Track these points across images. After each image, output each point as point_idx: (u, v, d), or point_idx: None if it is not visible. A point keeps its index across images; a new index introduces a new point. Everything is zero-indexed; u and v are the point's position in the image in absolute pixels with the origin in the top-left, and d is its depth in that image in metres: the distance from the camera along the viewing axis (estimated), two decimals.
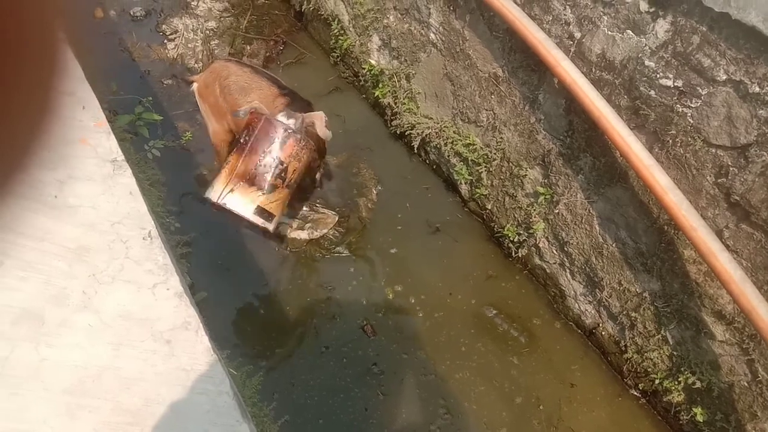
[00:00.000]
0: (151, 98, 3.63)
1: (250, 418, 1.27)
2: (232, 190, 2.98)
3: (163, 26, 4.73)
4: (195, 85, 3.38)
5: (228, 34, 4.72)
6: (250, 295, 3.18)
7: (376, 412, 2.75)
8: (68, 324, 1.15)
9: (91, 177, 1.40)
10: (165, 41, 4.68)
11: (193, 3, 4.86)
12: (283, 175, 3.04)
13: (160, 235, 1.30)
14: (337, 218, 3.50)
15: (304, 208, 3.52)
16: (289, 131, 3.04)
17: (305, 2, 4.62)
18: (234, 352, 2.60)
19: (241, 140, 3.03)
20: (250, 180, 2.98)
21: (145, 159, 3.31)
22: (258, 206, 2.99)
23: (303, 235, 3.39)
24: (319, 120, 3.13)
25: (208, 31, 4.71)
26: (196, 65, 4.55)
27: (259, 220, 2.99)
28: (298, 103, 3.27)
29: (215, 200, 2.95)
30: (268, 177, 3.00)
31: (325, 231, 3.42)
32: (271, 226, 3.03)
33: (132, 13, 4.79)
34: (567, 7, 2.64)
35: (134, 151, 3.24)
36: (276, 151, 3.01)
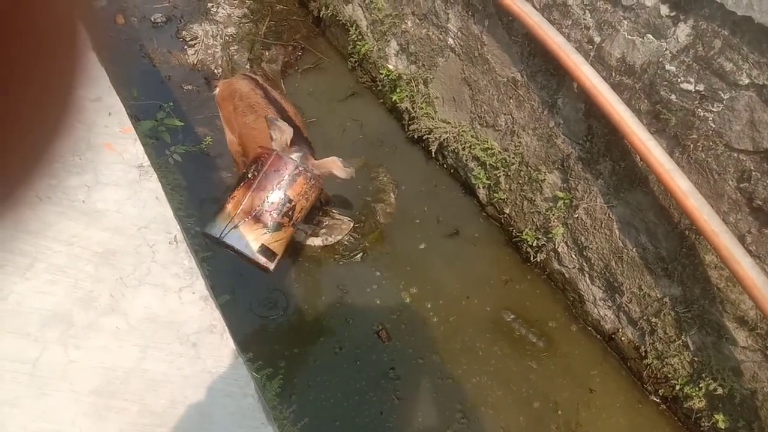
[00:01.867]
0: (171, 103, 3.68)
1: (273, 421, 1.28)
2: (236, 226, 2.87)
3: (183, 32, 4.79)
4: (217, 90, 3.43)
5: (247, 39, 4.76)
6: (267, 298, 3.20)
7: (392, 416, 2.76)
8: (96, 327, 1.17)
9: (118, 182, 1.43)
10: (185, 47, 4.74)
11: (212, 9, 4.91)
12: (290, 213, 2.94)
13: (185, 240, 1.32)
14: (352, 224, 3.51)
15: (319, 214, 3.54)
16: (300, 169, 2.96)
17: (323, 8, 4.65)
18: (254, 355, 2.62)
19: (249, 174, 2.95)
20: (256, 217, 2.89)
21: (167, 164, 3.35)
22: (262, 245, 2.89)
23: (317, 241, 3.41)
24: (334, 166, 3.04)
25: (227, 37, 4.76)
26: (216, 71, 4.60)
27: (261, 259, 2.89)
28: (300, 141, 3.20)
29: (216, 236, 2.84)
30: (275, 215, 2.91)
31: (339, 237, 3.43)
32: (272, 266, 2.93)
33: (153, 20, 4.85)
34: (586, 11, 2.63)
35: (156, 155, 3.28)
36: (285, 189, 2.92)
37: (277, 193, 2.91)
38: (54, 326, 1.15)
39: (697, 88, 2.30)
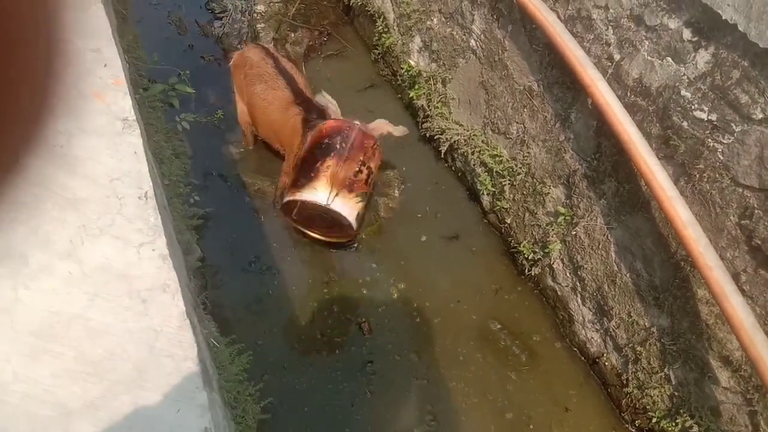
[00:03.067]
0: (188, 72, 3.68)
1: (214, 389, 1.27)
2: (336, 194, 3.10)
3: (213, 4, 4.81)
4: (232, 60, 3.46)
5: (275, 19, 4.76)
6: (255, 274, 3.19)
7: (362, 409, 2.73)
8: (49, 269, 1.16)
9: (100, 132, 1.42)
10: (213, 19, 4.75)
11: None
12: (370, 181, 3.27)
13: (155, 197, 1.30)
14: None
15: None
16: (375, 140, 3.29)
17: None
18: (230, 328, 2.61)
19: (337, 145, 3.15)
20: (350, 187, 3.14)
21: (175, 130, 3.35)
22: (358, 213, 3.18)
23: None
24: (388, 128, 3.37)
25: (255, 14, 4.76)
26: (239, 46, 4.60)
27: (356, 225, 3.19)
28: (314, 113, 3.31)
29: (324, 203, 3.06)
30: (364, 185, 3.21)
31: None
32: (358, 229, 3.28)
33: None
34: (610, 27, 2.59)
35: (165, 120, 3.29)
36: (369, 161, 3.24)
37: (365, 165, 3.22)
38: (8, 263, 1.14)
39: (710, 117, 2.24)
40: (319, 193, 3.06)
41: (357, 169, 3.15)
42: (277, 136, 3.46)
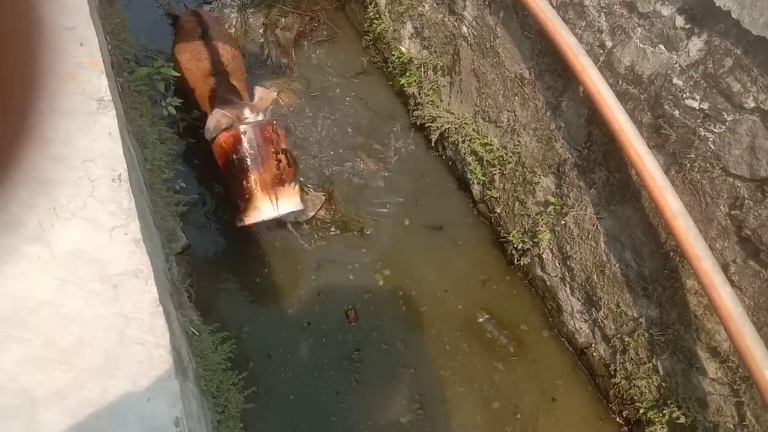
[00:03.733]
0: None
1: (189, 378, 1.23)
2: (277, 198, 3.07)
3: None
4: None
5: (265, 4, 4.68)
6: (242, 261, 3.15)
7: (348, 397, 2.71)
8: (17, 253, 1.12)
9: (73, 113, 1.37)
10: (202, 3, 4.67)
11: None
12: (291, 160, 3.17)
13: (129, 180, 1.26)
14: (324, 198, 3.45)
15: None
16: (273, 124, 3.15)
17: None
18: (215, 316, 2.58)
19: (247, 155, 3.04)
20: (281, 181, 3.09)
21: (161, 115, 3.30)
22: (300, 196, 3.16)
23: (290, 217, 3.35)
24: (270, 94, 3.24)
25: None
26: (230, 30, 4.53)
27: (306, 206, 3.23)
28: (225, 86, 3.33)
29: (273, 215, 3.03)
30: (288, 168, 3.13)
31: (312, 213, 3.37)
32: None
33: None
34: (602, 14, 2.55)
35: (150, 105, 3.23)
36: (279, 145, 3.13)
37: (278, 154, 3.11)
38: None
39: (701, 105, 2.21)
40: (263, 209, 3.02)
41: (275, 161, 3.08)
42: (198, 104, 3.43)
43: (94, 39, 1.57)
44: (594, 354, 3.03)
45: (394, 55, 4.06)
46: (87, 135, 1.32)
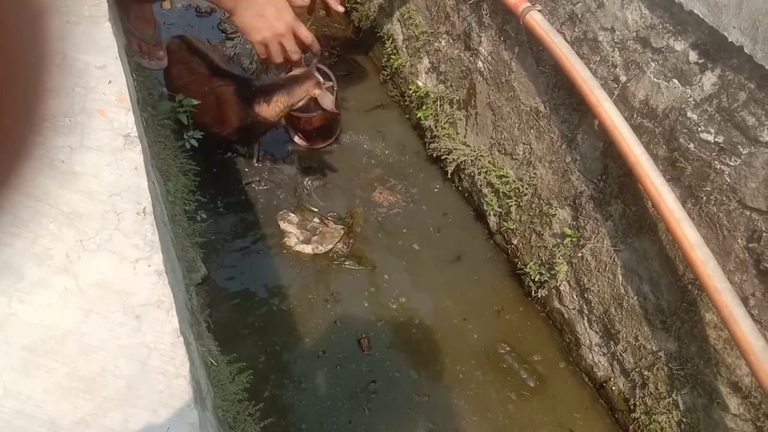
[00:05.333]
0: None
1: (208, 408, 1.25)
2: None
3: (225, 25, 4.87)
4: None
5: None
6: (257, 291, 3.19)
7: (360, 426, 2.70)
8: (45, 284, 1.16)
9: (102, 148, 1.42)
10: (224, 39, 4.80)
11: None
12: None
13: (153, 213, 1.31)
14: (343, 232, 3.48)
15: (315, 220, 3.52)
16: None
17: (364, 19, 4.69)
18: (232, 346, 2.60)
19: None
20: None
21: (183, 147, 3.38)
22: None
23: (308, 249, 3.38)
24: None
25: None
26: (250, 65, 4.65)
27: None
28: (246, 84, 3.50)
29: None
30: None
31: (331, 246, 3.40)
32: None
33: (197, 8, 4.94)
34: (616, 49, 2.59)
35: (174, 138, 3.31)
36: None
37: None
38: (4, 277, 1.14)
39: (716, 139, 2.23)
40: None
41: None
42: (204, 117, 3.35)
43: (122, 77, 1.63)
44: (613, 388, 2.99)
45: (411, 89, 4.13)
46: (114, 170, 1.37)
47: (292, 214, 3.53)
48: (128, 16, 2.97)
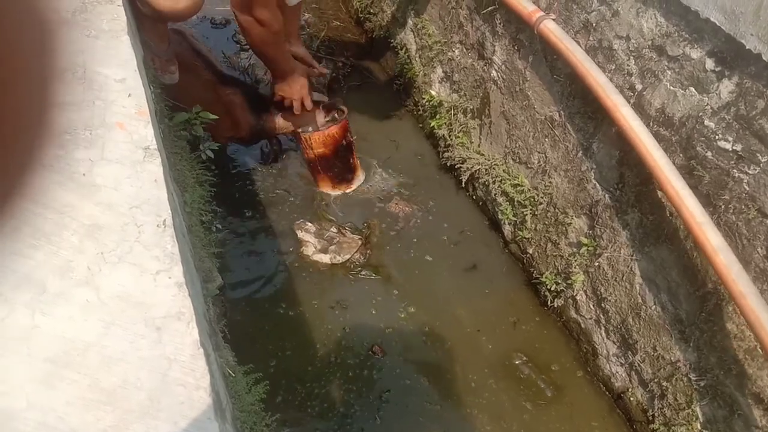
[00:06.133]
0: None
1: (227, 419, 1.26)
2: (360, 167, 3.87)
3: (240, 36, 4.90)
4: None
5: None
6: (272, 300, 3.21)
7: None
8: (66, 296, 1.17)
9: (122, 161, 1.44)
10: (239, 50, 4.84)
11: None
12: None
13: (173, 225, 1.32)
14: (360, 243, 3.49)
15: (332, 230, 3.53)
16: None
17: (377, 29, 4.71)
18: (248, 355, 2.60)
19: (351, 139, 3.74)
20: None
21: (199, 158, 3.40)
22: None
23: (325, 258, 3.39)
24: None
25: None
26: (265, 76, 4.68)
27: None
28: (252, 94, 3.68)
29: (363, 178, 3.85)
30: None
31: (348, 256, 3.41)
32: None
33: (212, 20, 4.99)
34: (631, 57, 2.58)
35: (190, 149, 3.34)
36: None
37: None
38: (26, 289, 1.15)
39: (734, 147, 2.21)
40: (362, 174, 3.82)
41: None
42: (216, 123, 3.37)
43: (141, 90, 1.65)
44: (631, 399, 2.96)
45: (424, 99, 4.14)
46: (134, 182, 1.39)
47: (309, 224, 3.55)
48: (143, 31, 3.01)
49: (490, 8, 3.27)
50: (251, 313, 3.14)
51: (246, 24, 3.06)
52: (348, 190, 3.83)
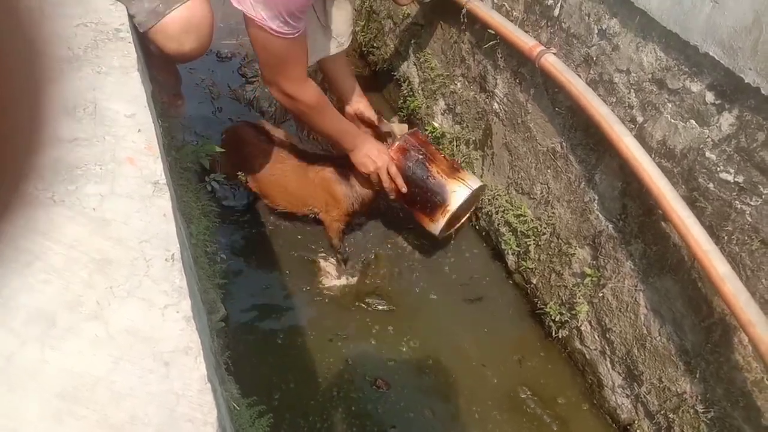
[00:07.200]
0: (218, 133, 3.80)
1: None
2: (463, 179, 3.27)
3: (245, 69, 4.98)
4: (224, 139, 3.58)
5: None
6: (274, 330, 3.21)
7: None
8: (76, 331, 1.18)
9: (131, 195, 1.46)
10: (245, 83, 4.91)
11: None
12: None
13: (181, 259, 1.33)
14: (367, 272, 3.50)
15: (339, 260, 3.55)
16: (417, 131, 3.48)
17: (381, 62, 4.79)
18: (250, 387, 2.59)
19: (422, 157, 3.26)
20: (456, 168, 3.32)
21: (204, 189, 3.43)
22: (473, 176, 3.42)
23: (330, 287, 3.40)
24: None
25: None
26: (269, 108, 4.74)
27: (481, 182, 3.43)
28: (340, 164, 3.41)
29: (469, 192, 3.21)
30: (453, 158, 3.55)
31: (353, 283, 3.42)
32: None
33: (218, 53, 5.08)
34: (632, 90, 2.61)
35: (195, 181, 3.37)
36: (430, 145, 3.42)
37: (440, 151, 3.40)
38: (37, 324, 1.16)
39: (736, 179, 2.23)
40: (459, 191, 3.19)
41: (441, 155, 3.33)
42: (302, 201, 3.46)
43: (150, 125, 1.68)
44: (638, 431, 2.93)
45: (427, 130, 4.18)
46: (144, 216, 1.41)
47: (317, 253, 3.57)
48: (152, 67, 3.08)
49: (491, 43, 3.33)
50: (254, 344, 3.13)
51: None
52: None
